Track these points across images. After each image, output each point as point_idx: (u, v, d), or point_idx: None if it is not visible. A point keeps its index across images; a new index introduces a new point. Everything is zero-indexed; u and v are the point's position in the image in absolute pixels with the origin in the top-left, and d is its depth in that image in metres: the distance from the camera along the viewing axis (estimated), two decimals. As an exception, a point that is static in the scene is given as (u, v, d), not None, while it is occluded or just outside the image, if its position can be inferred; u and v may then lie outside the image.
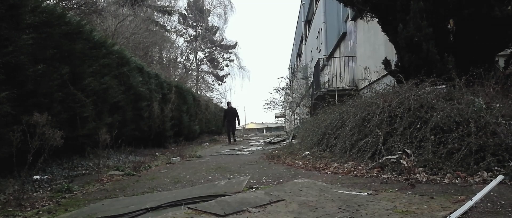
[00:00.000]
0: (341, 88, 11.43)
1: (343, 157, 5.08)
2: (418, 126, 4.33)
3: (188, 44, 31.25)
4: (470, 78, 4.61)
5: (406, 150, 4.18)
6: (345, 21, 12.35)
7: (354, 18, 10.81)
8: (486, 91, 4.31)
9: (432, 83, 4.78)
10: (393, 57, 6.32)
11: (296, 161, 5.76)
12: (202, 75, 31.87)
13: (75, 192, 4.17)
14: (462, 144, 3.76)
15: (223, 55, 35.32)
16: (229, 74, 35.31)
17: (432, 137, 4.05)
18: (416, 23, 5.12)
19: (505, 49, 5.29)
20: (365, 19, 6.73)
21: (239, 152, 9.75)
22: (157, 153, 8.89)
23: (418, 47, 5.14)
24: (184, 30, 31.92)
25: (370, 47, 9.46)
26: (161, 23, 23.63)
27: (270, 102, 17.47)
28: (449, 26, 5.52)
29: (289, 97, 18.11)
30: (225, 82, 35.14)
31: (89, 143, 6.26)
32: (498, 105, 3.96)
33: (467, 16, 5.11)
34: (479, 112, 3.90)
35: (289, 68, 32.16)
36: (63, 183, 4.60)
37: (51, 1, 8.95)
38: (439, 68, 4.95)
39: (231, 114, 14.24)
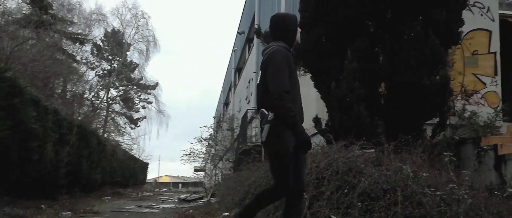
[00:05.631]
0: (269, 144, 11.63)
1: (266, 220, 5.06)
2: (346, 190, 4.49)
3: (100, 79, 30.20)
4: (398, 144, 4.97)
5: (332, 216, 4.29)
6: (278, 73, 12.88)
7: (288, 71, 11.32)
8: (413, 159, 4.66)
9: (361, 146, 5.07)
10: (324, 116, 6.66)
11: (212, 223, 5.63)
12: (113, 116, 30.64)
13: None
14: (388, 213, 3.96)
15: (140, 96, 34.53)
16: (145, 117, 34.41)
17: (359, 203, 4.22)
18: (348, 83, 5.51)
19: (433, 118, 5.85)
20: (299, 73, 7.09)
21: (147, 209, 9.33)
22: (43, 206, 8.13)
23: (350, 108, 5.49)
24: (97, 63, 30.86)
25: (302, 103, 9.88)
26: (70, 52, 22.73)
27: (190, 154, 17.16)
28: (381, 90, 6.02)
29: (212, 149, 18.02)
30: (139, 126, 34.09)
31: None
32: (424, 174, 4.29)
33: (397, 82, 5.62)
34: (406, 180, 4.18)
35: (214, 117, 32.31)
36: None
37: None
38: (369, 132, 5.29)
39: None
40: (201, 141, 16.45)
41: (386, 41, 5.91)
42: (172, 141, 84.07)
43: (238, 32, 22.98)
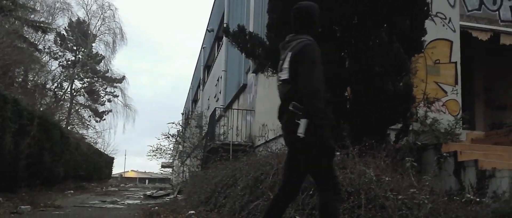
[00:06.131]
0: (236, 142, 11.69)
1: (231, 219, 5.08)
2: (311, 192, 4.57)
3: (63, 70, 29.23)
4: (363, 148, 5.09)
5: (297, 217, 4.36)
6: (246, 73, 12.93)
7: (256, 71, 11.38)
8: (377, 163, 4.79)
9: (327, 149, 5.16)
10: (292, 117, 6.72)
11: (178, 221, 5.60)
12: (77, 108, 29.80)
13: None
14: (352, 215, 4.07)
15: (106, 89, 33.71)
16: (111, 111, 33.64)
17: (324, 205, 4.31)
18: (316, 86, 5.59)
19: (396, 124, 6.03)
20: (266, 74, 7.13)
21: (111, 205, 9.17)
22: (0, 199, 7.83)
23: (317, 110, 5.57)
24: (60, 53, 29.86)
25: (270, 104, 9.95)
26: (32, 40, 21.87)
27: (157, 150, 16.97)
28: (346, 94, 6.14)
29: (180, 146, 17.86)
30: (104, 119, 33.29)
31: None
32: (387, 179, 4.43)
33: (363, 87, 5.76)
34: (369, 184, 4.30)
35: (183, 114, 31.98)
36: None
37: None
38: (335, 135, 5.39)
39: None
40: (168, 137, 16.32)
41: (352, 47, 6.03)
42: (139, 136, 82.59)
43: (207, 29, 22.81)
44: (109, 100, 33.75)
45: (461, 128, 7.42)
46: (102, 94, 33.54)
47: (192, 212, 6.18)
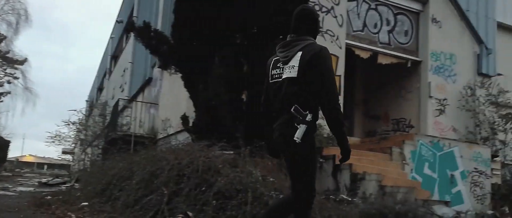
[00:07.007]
0: (139, 134, 11.21)
1: (124, 213, 4.81)
2: (204, 188, 4.53)
3: (-39, 48, 25.52)
4: (253, 149, 5.17)
5: (188, 212, 4.28)
6: (152, 67, 12.44)
7: (160, 67, 11.00)
8: (265, 163, 4.90)
9: (221, 147, 5.16)
10: (192, 115, 6.61)
11: (69, 213, 5.17)
12: (-27, 87, 26.22)
13: None
14: (239, 211, 4.11)
15: (6, 70, 30.11)
16: (9, 93, 30.17)
17: (214, 201, 4.30)
18: (214, 87, 5.57)
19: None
20: (170, 71, 6.93)
21: (1, 192, 8.22)
22: None
23: (214, 111, 5.55)
24: (-40, 31, 26.01)
25: (173, 100, 9.71)
26: None
27: (55, 136, 15.60)
28: (243, 97, 6.19)
29: (81, 134, 16.61)
30: (2, 101, 29.76)
31: None
32: (271, 179, 4.55)
33: (257, 91, 5.86)
34: (256, 183, 4.38)
35: (87, 101, 29.85)
36: None
37: None
38: (230, 135, 5.41)
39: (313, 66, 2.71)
40: (68, 124, 15.11)
41: (249, 53, 6.09)
42: (42, 120, 75.41)
43: (116, 20, 21.51)
44: (9, 82, 30.21)
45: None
46: (1, 76, 29.92)
47: (85, 203, 5.76)
